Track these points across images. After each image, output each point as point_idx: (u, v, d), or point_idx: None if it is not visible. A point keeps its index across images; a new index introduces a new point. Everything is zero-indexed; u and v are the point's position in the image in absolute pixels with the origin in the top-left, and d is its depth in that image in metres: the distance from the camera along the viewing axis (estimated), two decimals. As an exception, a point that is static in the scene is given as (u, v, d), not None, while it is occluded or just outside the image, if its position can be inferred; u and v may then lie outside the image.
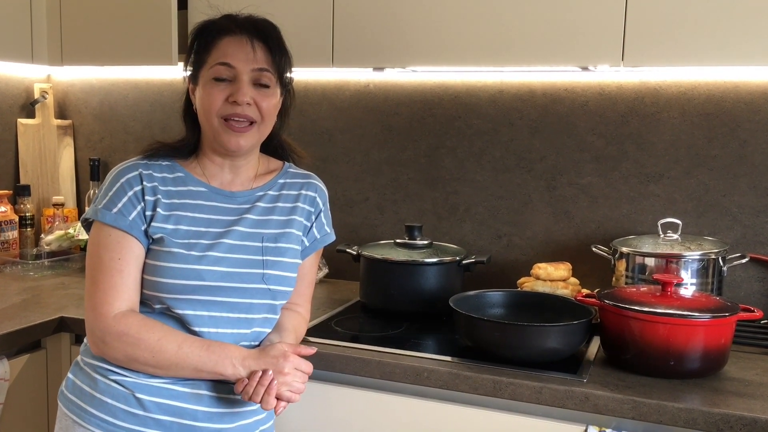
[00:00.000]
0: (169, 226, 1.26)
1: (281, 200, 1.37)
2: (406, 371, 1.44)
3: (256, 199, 1.35)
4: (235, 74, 1.26)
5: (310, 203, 1.40)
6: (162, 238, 1.24)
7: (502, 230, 2.04)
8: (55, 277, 2.08)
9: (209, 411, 1.26)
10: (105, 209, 1.25)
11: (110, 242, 1.24)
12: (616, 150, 1.90)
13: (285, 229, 1.35)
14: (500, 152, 2.01)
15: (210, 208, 1.30)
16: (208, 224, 1.29)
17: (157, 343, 1.21)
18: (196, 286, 1.24)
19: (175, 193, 1.29)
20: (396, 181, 2.13)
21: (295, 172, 1.43)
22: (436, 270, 1.77)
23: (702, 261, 1.65)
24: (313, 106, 2.20)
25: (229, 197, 1.33)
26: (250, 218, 1.33)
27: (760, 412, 1.23)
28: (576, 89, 1.92)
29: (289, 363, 1.23)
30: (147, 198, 1.26)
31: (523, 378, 1.37)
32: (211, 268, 1.25)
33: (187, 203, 1.29)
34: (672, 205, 1.86)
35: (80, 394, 1.26)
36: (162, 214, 1.26)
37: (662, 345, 1.36)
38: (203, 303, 1.25)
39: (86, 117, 2.49)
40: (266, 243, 1.32)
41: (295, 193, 1.39)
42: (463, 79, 2.03)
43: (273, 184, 1.38)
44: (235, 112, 1.26)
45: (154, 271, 1.24)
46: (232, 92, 1.25)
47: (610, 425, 1.32)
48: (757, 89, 1.77)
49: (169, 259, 1.24)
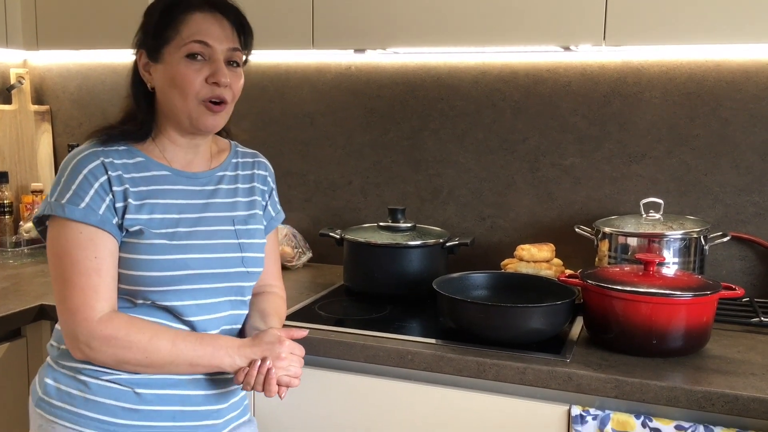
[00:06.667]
0: (143, 217, 1.21)
1: (240, 181, 1.36)
2: (390, 354, 1.43)
3: (218, 180, 1.33)
4: (210, 53, 1.23)
5: (262, 182, 1.40)
6: (140, 230, 1.20)
7: (486, 212, 2.03)
8: (35, 265, 2.06)
9: (207, 393, 1.26)
10: (71, 204, 1.17)
11: (82, 240, 1.16)
12: (598, 130, 1.90)
13: (251, 210, 1.35)
14: (483, 134, 2.00)
15: (177, 192, 1.27)
16: (180, 210, 1.25)
17: (149, 343, 1.17)
18: (183, 276, 1.22)
19: (140, 180, 1.23)
20: (379, 164, 2.12)
21: (244, 151, 1.42)
22: (420, 253, 1.76)
23: (684, 240, 1.65)
24: (294, 90, 2.18)
25: (193, 179, 1.29)
26: (218, 202, 1.31)
27: (741, 389, 1.23)
28: (558, 70, 1.91)
29: (284, 348, 1.22)
30: (114, 189, 1.20)
31: (507, 359, 1.37)
32: (196, 256, 1.23)
33: (154, 190, 1.24)
34: (654, 185, 1.86)
35: (70, 399, 1.21)
36: (134, 205, 1.20)
37: (645, 324, 1.36)
38: (190, 292, 1.23)
39: (64, 102, 2.45)
40: (238, 226, 1.31)
41: (249, 173, 1.39)
42: (446, 61, 2.01)
43: (228, 164, 1.36)
44: (215, 93, 1.23)
45: (136, 265, 1.20)
46: (211, 72, 1.22)
47: (593, 405, 1.33)
48: (738, 68, 1.77)
49: (151, 251, 1.19)
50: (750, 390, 1.23)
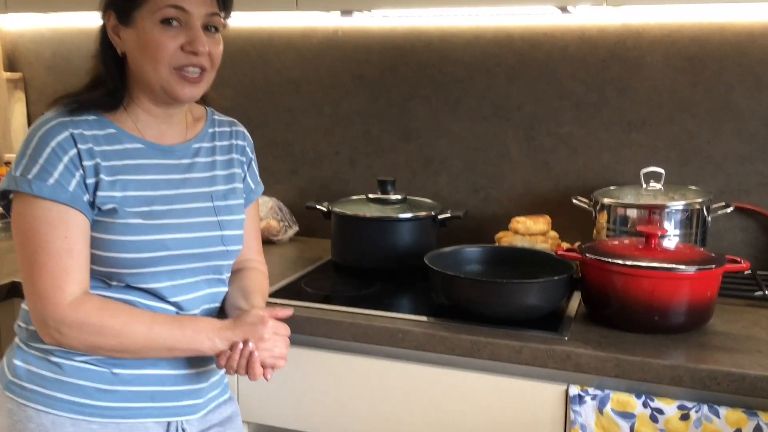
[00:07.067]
0: (117, 194, 1.13)
1: (218, 153, 1.29)
2: (380, 333, 1.38)
3: (194, 153, 1.25)
4: (187, 18, 1.14)
5: (241, 153, 1.33)
6: (114, 208, 1.12)
7: (479, 183, 1.97)
8: (8, 240, 1.97)
9: (187, 373, 1.21)
10: (39, 180, 1.08)
11: (52, 218, 1.09)
12: (596, 97, 1.83)
13: (230, 184, 1.28)
14: (476, 101, 1.94)
15: (152, 167, 1.19)
16: (155, 186, 1.18)
17: (124, 328, 1.11)
18: (160, 257, 1.15)
19: (112, 154, 1.15)
20: (368, 133, 2.05)
21: (221, 119, 1.34)
22: (411, 226, 1.71)
23: (686, 211, 1.60)
24: (279, 55, 2.10)
25: (168, 152, 1.22)
26: (196, 177, 1.24)
27: (748, 368, 1.18)
28: (555, 33, 1.84)
29: (267, 329, 1.15)
30: (85, 163, 1.11)
31: (502, 337, 1.31)
32: (174, 236, 1.17)
33: (127, 165, 1.16)
34: (654, 154, 1.81)
35: (42, 381, 1.14)
36: (106, 181, 1.12)
37: (646, 299, 1.31)
38: (167, 273, 1.17)
39: (38, 69, 2.35)
40: (217, 202, 1.24)
41: (227, 143, 1.31)
42: (437, 25, 1.94)
43: (205, 135, 1.29)
44: (192, 62, 1.15)
45: (110, 246, 1.12)
46: (188, 39, 1.13)
47: (592, 384, 1.28)
48: (743, 30, 1.70)
49: (127, 232, 1.12)
50: (757, 368, 1.18)
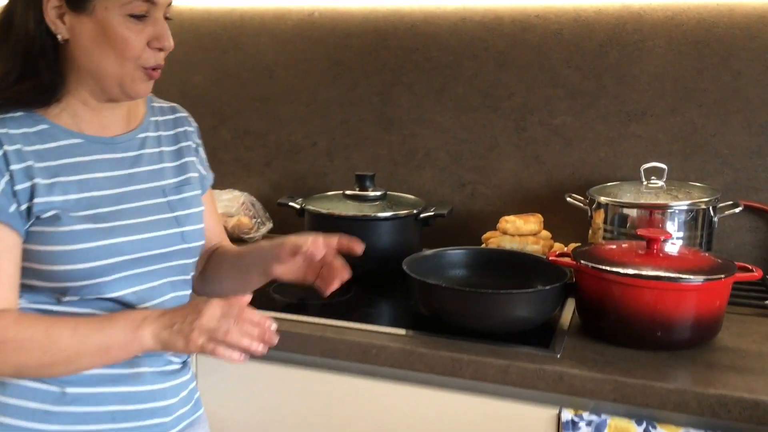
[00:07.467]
0: (57, 199, 1.00)
1: (163, 143, 1.17)
2: (352, 348, 1.26)
3: (139, 144, 1.13)
4: (153, 10, 1.03)
5: (187, 139, 1.23)
6: (56, 215, 1.00)
7: (466, 177, 1.86)
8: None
9: (151, 389, 1.09)
10: None
11: None
12: (593, 85, 1.73)
13: (182, 175, 1.17)
14: (463, 89, 1.83)
15: (92, 164, 1.06)
16: (98, 186, 1.05)
17: (46, 335, 0.97)
18: (116, 264, 1.03)
19: (46, 153, 1.02)
20: (347, 123, 1.94)
21: (161, 105, 1.23)
22: (391, 225, 1.59)
23: (690, 212, 1.47)
24: (251, 39, 1.98)
25: (110, 145, 1.09)
26: (143, 171, 1.11)
27: (761, 393, 1.06)
28: (549, 15, 1.73)
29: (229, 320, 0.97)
30: (13, 167, 0.98)
31: (487, 354, 1.19)
32: (127, 238, 1.04)
33: (65, 164, 1.03)
34: (656, 147, 1.70)
35: None
36: (43, 185, 1.00)
37: (648, 313, 1.19)
38: (124, 280, 1.05)
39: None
40: (170, 196, 1.12)
41: (172, 132, 1.20)
42: (421, 5, 1.83)
43: (148, 124, 1.17)
44: (158, 59, 1.05)
45: (58, 259, 1.00)
46: (155, 34, 1.03)
47: (587, 408, 1.15)
48: (754, 12, 1.58)
49: (73, 240, 1.00)
50: (772, 393, 1.06)
